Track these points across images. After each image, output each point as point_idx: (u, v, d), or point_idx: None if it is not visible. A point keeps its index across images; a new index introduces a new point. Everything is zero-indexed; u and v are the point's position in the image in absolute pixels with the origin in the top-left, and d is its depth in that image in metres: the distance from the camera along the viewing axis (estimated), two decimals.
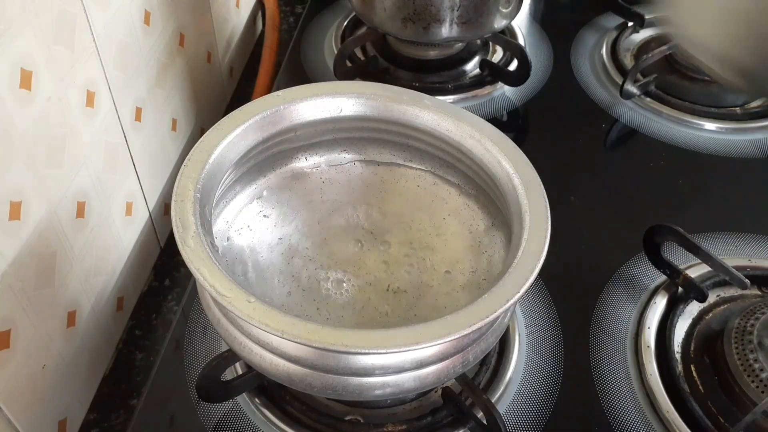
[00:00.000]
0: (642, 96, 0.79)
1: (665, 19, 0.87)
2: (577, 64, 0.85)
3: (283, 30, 0.91)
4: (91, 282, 0.55)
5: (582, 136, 0.77)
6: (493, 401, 0.51)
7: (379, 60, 0.83)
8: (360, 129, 0.55)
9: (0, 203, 0.43)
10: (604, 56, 0.85)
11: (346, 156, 0.57)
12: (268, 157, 0.54)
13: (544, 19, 0.94)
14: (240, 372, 0.53)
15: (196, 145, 0.47)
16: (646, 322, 0.57)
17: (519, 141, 0.49)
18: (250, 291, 0.39)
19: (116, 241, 0.59)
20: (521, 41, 0.87)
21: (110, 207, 0.57)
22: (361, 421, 0.51)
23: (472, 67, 0.83)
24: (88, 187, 0.53)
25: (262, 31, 0.90)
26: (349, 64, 0.80)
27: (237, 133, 0.48)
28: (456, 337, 0.38)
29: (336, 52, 0.81)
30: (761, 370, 0.50)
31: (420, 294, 0.52)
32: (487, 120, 0.51)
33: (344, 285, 0.52)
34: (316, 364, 0.41)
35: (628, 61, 0.85)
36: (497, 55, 0.85)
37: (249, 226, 0.54)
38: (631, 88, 0.78)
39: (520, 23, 0.90)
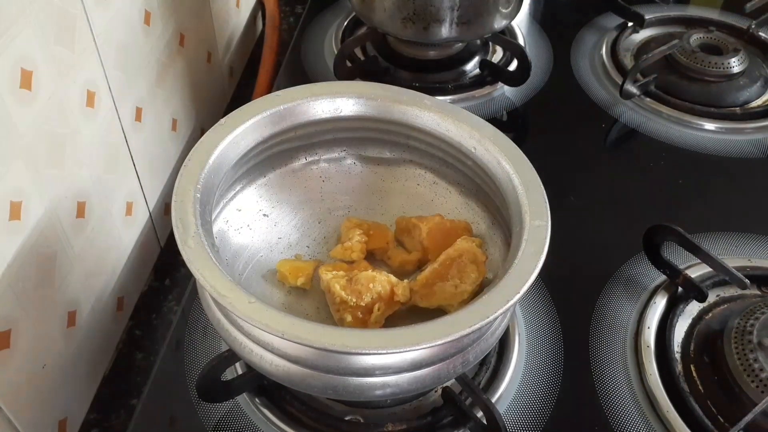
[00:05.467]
0: (642, 96, 0.79)
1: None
2: (577, 64, 0.85)
3: (283, 30, 0.91)
4: (91, 282, 0.55)
5: (582, 136, 0.77)
6: (493, 401, 0.51)
7: (379, 60, 0.83)
8: (360, 129, 0.55)
9: (0, 203, 0.43)
10: (604, 56, 0.85)
11: (346, 155, 0.57)
12: (268, 156, 0.54)
13: (544, 19, 0.94)
14: (240, 372, 0.53)
15: (196, 145, 0.47)
16: (646, 322, 0.57)
17: (519, 141, 0.49)
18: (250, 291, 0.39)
19: (116, 241, 0.59)
20: (521, 41, 0.87)
21: (110, 207, 0.57)
22: (361, 421, 0.51)
23: (471, 67, 0.83)
24: (88, 187, 0.53)
25: (262, 31, 0.90)
26: (349, 64, 0.80)
27: (237, 133, 0.48)
28: (456, 337, 0.38)
29: (336, 52, 0.80)
30: (761, 370, 0.50)
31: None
32: (487, 120, 0.51)
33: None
34: (316, 365, 0.41)
35: (627, 61, 0.85)
36: (497, 55, 0.85)
37: (249, 226, 0.54)
38: (630, 88, 0.78)
39: (520, 23, 0.90)
